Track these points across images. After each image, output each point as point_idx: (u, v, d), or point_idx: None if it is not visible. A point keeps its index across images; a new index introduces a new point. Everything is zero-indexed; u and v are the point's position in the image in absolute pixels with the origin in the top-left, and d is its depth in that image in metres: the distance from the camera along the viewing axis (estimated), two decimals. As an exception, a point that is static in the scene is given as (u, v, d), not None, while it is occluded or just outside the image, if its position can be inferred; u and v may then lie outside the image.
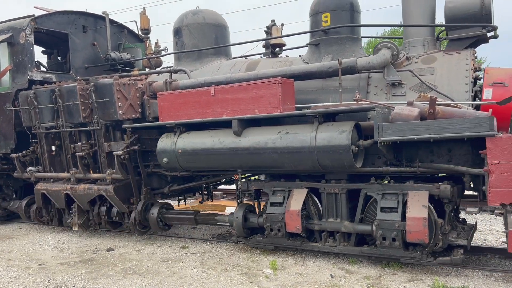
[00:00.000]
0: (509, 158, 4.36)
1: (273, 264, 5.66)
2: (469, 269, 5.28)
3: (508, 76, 5.54)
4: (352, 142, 5.19)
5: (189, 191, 8.71)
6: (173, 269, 5.84)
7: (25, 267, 6.28)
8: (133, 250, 6.84)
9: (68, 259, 6.55)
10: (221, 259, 6.13)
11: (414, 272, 5.31)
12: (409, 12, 6.25)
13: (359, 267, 5.56)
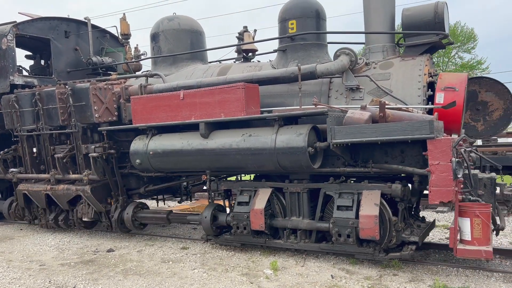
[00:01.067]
0: (447, 159, 4.65)
1: (273, 265, 5.67)
2: (469, 269, 5.30)
3: (458, 81, 5.85)
4: (308, 144, 5.48)
5: (168, 191, 9.02)
6: (174, 269, 5.84)
7: (26, 268, 6.27)
8: (134, 251, 6.86)
9: (68, 260, 6.56)
10: (222, 260, 6.13)
11: (415, 272, 5.33)
12: (370, 19, 6.54)
13: (360, 268, 5.57)
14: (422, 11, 6.12)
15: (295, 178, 6.25)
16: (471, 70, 40.42)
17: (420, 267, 5.47)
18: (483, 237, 4.80)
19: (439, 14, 5.99)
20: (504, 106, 6.47)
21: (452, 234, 4.82)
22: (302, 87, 6.51)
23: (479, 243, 4.79)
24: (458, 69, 39.60)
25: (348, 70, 6.10)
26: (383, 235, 5.52)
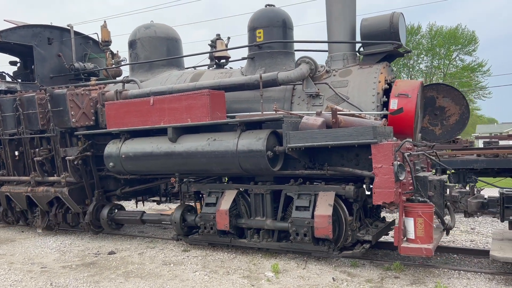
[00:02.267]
0: (388, 162, 4.97)
1: (275, 267, 5.66)
2: (471, 272, 5.34)
3: (411, 88, 6.18)
4: (267, 148, 5.79)
5: (148, 193, 9.32)
6: (175, 272, 5.82)
7: (27, 270, 6.24)
8: (135, 253, 6.86)
9: (70, 262, 6.56)
10: (223, 262, 6.13)
11: (416, 275, 5.34)
12: (331, 29, 6.87)
13: (361, 270, 5.59)
14: (379, 21, 6.45)
15: (260, 180, 6.56)
16: (472, 73, 40.89)
17: (421, 270, 5.48)
18: (426, 236, 5.11)
19: (394, 24, 6.32)
20: (460, 111, 6.80)
21: (397, 233, 5.13)
22: (268, 93, 6.88)
23: (422, 241, 5.11)
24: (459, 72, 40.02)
25: (308, 77, 6.42)
26: (339, 234, 5.83)
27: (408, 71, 42.58)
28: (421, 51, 41.60)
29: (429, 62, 41.85)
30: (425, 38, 41.32)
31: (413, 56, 41.62)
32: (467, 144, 12.46)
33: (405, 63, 41.87)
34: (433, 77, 42.60)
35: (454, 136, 7.24)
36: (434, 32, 40.60)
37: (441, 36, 39.92)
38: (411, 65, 41.91)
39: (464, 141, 12.85)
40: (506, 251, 4.99)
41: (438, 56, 41.26)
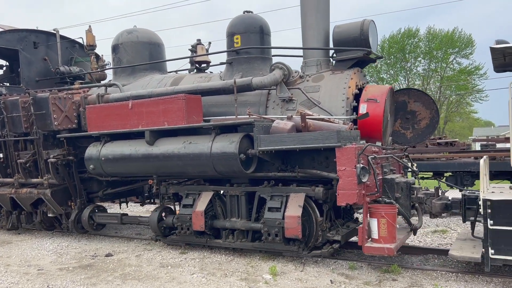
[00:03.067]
0: (351, 165, 5.17)
1: (272, 270, 5.64)
2: (469, 274, 5.33)
3: (380, 93, 6.39)
4: (240, 151, 5.98)
5: (130, 194, 9.48)
6: (173, 274, 5.79)
7: (23, 273, 6.21)
8: (132, 256, 6.83)
9: (67, 265, 6.53)
10: (221, 265, 6.12)
11: (414, 277, 5.34)
12: (306, 36, 7.07)
13: (359, 273, 5.58)
14: (350, 28, 6.66)
15: (235, 182, 6.75)
16: (469, 76, 41.19)
17: (419, 272, 5.49)
18: (389, 236, 5.31)
19: (364, 32, 6.53)
20: (430, 116, 7.01)
21: (360, 233, 5.33)
22: (244, 97, 7.08)
23: (385, 241, 5.31)
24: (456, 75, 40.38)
25: (282, 83, 6.62)
26: (310, 234, 6.02)
27: (406, 74, 42.89)
28: (419, 54, 41.91)
29: (426, 65, 42.17)
30: (422, 41, 41.60)
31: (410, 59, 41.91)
32: (464, 147, 12.71)
33: (403, 66, 42.12)
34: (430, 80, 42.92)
35: (425, 140, 7.45)
36: (432, 35, 40.86)
37: (438, 39, 40.20)
38: (409, 68, 42.19)
39: (461, 144, 13.10)
40: (465, 250, 5.20)
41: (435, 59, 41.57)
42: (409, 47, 41.52)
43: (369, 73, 42.93)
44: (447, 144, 13.05)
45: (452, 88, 41.71)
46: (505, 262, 4.88)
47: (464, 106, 45.53)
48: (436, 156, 12.06)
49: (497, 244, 4.81)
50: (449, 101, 43.44)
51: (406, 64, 41.74)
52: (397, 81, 42.90)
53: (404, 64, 41.60)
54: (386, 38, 42.01)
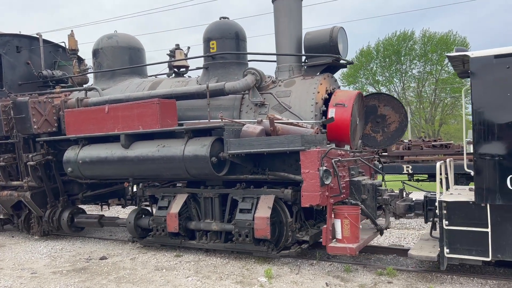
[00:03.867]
0: (314, 168, 5.36)
1: (268, 273, 5.63)
2: (463, 277, 5.34)
3: (348, 97, 6.59)
4: (212, 154, 6.15)
5: (112, 196, 9.62)
6: (167, 277, 5.75)
7: (17, 276, 6.14)
8: (127, 259, 6.79)
9: (61, 268, 6.47)
10: (216, 268, 6.10)
11: (409, 280, 5.34)
12: (279, 42, 7.26)
13: (354, 275, 5.58)
14: (320, 35, 6.87)
15: (209, 184, 6.92)
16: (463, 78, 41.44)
17: (414, 275, 5.51)
18: (351, 236, 5.51)
19: (333, 38, 6.74)
20: (399, 119, 7.22)
21: (324, 233, 5.52)
22: (219, 101, 7.27)
23: (348, 241, 5.50)
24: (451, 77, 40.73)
25: (254, 87, 6.80)
26: (280, 235, 6.20)
27: (401, 76, 43.16)
28: (414, 57, 42.22)
29: (421, 68, 42.50)
30: (418, 44, 41.85)
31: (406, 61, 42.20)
32: (459, 149, 12.92)
33: (398, 69, 42.37)
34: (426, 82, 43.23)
35: (394, 143, 7.66)
36: (427, 38, 41.11)
37: (434, 42, 40.45)
38: (404, 70, 42.50)
39: (456, 146, 13.32)
40: (424, 250, 5.40)
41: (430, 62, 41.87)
42: (405, 50, 41.74)
43: (364, 75, 43.24)
44: (442, 146, 13.27)
45: (447, 90, 42.05)
46: (461, 261, 5.09)
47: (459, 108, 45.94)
48: (431, 158, 12.28)
49: (452, 244, 5.01)
50: (444, 103, 43.80)
51: (401, 66, 42.02)
52: (392, 84, 43.21)
53: (400, 66, 41.87)
54: (381, 40, 42.29)
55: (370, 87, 43.50)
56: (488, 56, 4.71)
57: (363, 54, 42.74)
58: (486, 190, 4.72)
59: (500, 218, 4.80)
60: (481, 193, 4.76)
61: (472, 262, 5.02)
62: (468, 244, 4.95)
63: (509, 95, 4.59)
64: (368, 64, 42.58)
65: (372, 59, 42.50)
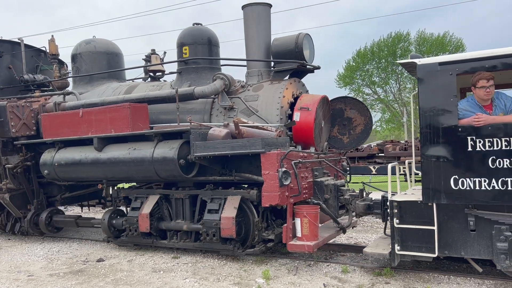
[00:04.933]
0: (274, 169, 5.61)
1: (265, 274, 5.66)
2: (461, 276, 5.37)
3: (312, 102, 6.85)
4: (180, 157, 6.39)
5: (92, 197, 9.82)
6: (165, 279, 5.76)
7: (13, 279, 6.11)
8: (124, 261, 6.77)
9: (57, 270, 6.44)
10: (213, 269, 6.11)
11: (407, 280, 5.37)
12: (248, 47, 7.52)
13: (352, 276, 5.61)
14: (286, 41, 7.13)
15: (181, 186, 7.15)
16: None
17: (412, 275, 5.53)
18: (310, 234, 5.76)
19: (298, 44, 7.00)
20: (364, 122, 7.49)
21: (284, 232, 5.77)
22: (191, 105, 7.52)
23: (307, 239, 5.76)
24: None
25: (223, 92, 7.05)
26: (247, 234, 6.44)
27: (397, 77, 43.43)
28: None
29: (417, 69, 42.78)
30: (413, 45, 42.10)
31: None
32: None
33: (394, 70, 42.58)
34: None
35: (360, 145, 7.93)
36: (422, 39, 41.31)
37: (429, 43, 40.63)
38: (400, 71, 42.79)
39: None
40: (379, 247, 5.65)
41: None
42: (400, 51, 41.94)
43: (361, 76, 43.43)
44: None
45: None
46: (413, 257, 5.35)
47: None
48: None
49: (404, 241, 5.28)
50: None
51: (397, 67, 42.31)
52: (388, 84, 43.47)
53: (395, 67, 42.14)
54: (376, 42, 42.48)
55: (367, 88, 43.86)
56: (433, 63, 4.97)
57: (359, 55, 42.93)
58: (432, 190, 4.98)
59: (446, 216, 5.07)
60: (428, 193, 5.02)
61: (422, 259, 5.28)
62: (417, 241, 5.21)
63: (452, 100, 4.86)
64: (364, 65, 42.77)
65: (368, 60, 42.63)
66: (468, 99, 5.12)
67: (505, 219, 4.79)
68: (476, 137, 4.75)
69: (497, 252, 4.80)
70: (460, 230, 5.03)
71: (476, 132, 4.75)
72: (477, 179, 4.75)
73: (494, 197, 4.70)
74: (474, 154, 4.77)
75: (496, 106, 4.93)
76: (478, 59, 4.77)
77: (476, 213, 4.92)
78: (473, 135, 4.76)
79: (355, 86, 43.72)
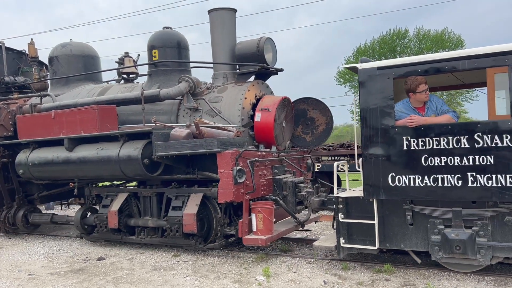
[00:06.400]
0: (228, 168, 5.92)
1: (266, 271, 5.65)
2: (461, 273, 5.35)
3: (272, 103, 7.17)
4: (144, 156, 6.69)
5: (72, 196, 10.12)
6: (165, 277, 5.76)
7: (14, 278, 6.10)
8: (125, 259, 6.78)
9: (58, 269, 6.44)
10: (214, 267, 6.12)
11: (407, 277, 5.37)
12: (214, 51, 7.84)
13: (352, 273, 5.61)
14: (249, 45, 7.44)
15: (149, 184, 7.46)
16: None
17: (412, 272, 5.54)
18: (265, 229, 6.08)
19: (260, 48, 7.32)
20: (326, 122, 7.80)
21: (240, 226, 6.10)
22: (160, 106, 7.83)
23: (261, 233, 6.08)
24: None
25: (188, 93, 7.36)
26: (209, 229, 6.76)
27: None
28: (409, 55, 42.57)
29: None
30: (412, 42, 42.09)
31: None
32: None
33: None
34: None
35: (322, 143, 8.25)
36: (422, 35, 41.29)
37: (429, 40, 40.57)
38: None
39: None
40: (327, 241, 5.99)
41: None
42: (400, 48, 41.93)
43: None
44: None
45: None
46: (359, 250, 5.67)
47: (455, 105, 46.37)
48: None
49: (350, 235, 5.60)
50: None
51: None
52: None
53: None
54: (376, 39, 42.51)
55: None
56: (372, 68, 5.29)
57: (359, 52, 42.96)
58: (372, 187, 5.31)
59: (387, 211, 5.40)
60: (368, 189, 5.34)
61: (365, 251, 5.60)
62: (361, 235, 5.54)
63: (389, 102, 5.18)
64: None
65: (368, 57, 42.63)
66: (403, 101, 5.45)
67: (438, 213, 5.12)
68: (410, 137, 5.07)
69: (431, 244, 5.14)
70: (399, 224, 5.37)
71: (410, 132, 5.07)
72: (412, 176, 5.08)
73: (427, 193, 5.03)
74: (409, 153, 5.09)
75: (428, 108, 5.26)
76: (412, 64, 5.08)
77: (413, 208, 5.25)
78: (407, 135, 5.09)
79: (355, 83, 43.89)
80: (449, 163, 4.89)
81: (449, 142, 4.88)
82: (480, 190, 4.77)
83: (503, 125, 4.65)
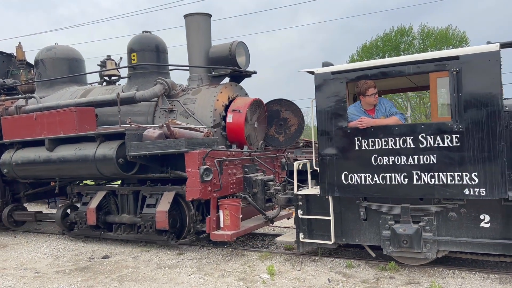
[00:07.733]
0: (195, 166, 6.23)
1: (270, 269, 5.66)
2: (466, 271, 5.37)
3: (243, 104, 7.47)
4: (119, 156, 7.00)
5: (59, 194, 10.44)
6: (170, 275, 5.78)
7: (20, 276, 6.14)
8: (129, 257, 6.83)
9: (63, 267, 6.47)
10: (218, 265, 6.14)
11: (411, 275, 5.36)
12: (190, 53, 8.14)
13: (356, 271, 5.60)
14: (221, 49, 7.74)
15: (126, 182, 7.78)
16: None
17: (416, 270, 5.52)
18: (231, 225, 6.38)
19: (232, 52, 7.62)
20: (298, 122, 8.10)
21: (208, 223, 6.40)
22: (137, 108, 8.14)
23: (228, 229, 6.38)
24: None
25: (163, 95, 7.67)
26: (182, 226, 7.07)
27: None
28: (413, 52, 42.47)
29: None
30: (416, 39, 42.04)
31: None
32: None
33: None
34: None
35: (294, 143, 8.54)
36: (426, 33, 41.22)
37: (433, 37, 40.47)
38: None
39: None
40: (290, 236, 6.28)
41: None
42: (403, 45, 41.84)
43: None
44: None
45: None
46: (318, 245, 5.97)
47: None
48: None
49: (310, 230, 5.90)
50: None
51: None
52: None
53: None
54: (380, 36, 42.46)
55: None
56: (327, 72, 5.58)
57: (364, 50, 42.88)
58: (327, 185, 5.60)
59: (343, 208, 5.70)
60: (324, 187, 5.64)
61: (323, 246, 5.90)
62: (320, 230, 5.84)
63: (342, 105, 5.47)
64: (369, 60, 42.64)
65: (373, 55, 42.55)
66: (355, 104, 5.74)
67: (388, 209, 5.41)
68: (361, 138, 5.36)
69: (383, 239, 5.43)
70: (354, 220, 5.66)
71: (361, 133, 5.36)
72: (363, 174, 5.37)
73: (377, 191, 5.32)
74: (360, 153, 5.39)
75: (378, 110, 5.55)
76: (362, 69, 5.37)
77: (366, 205, 5.54)
78: (359, 136, 5.38)
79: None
80: (396, 162, 5.18)
81: (396, 142, 5.17)
82: (424, 187, 5.06)
83: (444, 127, 4.94)
